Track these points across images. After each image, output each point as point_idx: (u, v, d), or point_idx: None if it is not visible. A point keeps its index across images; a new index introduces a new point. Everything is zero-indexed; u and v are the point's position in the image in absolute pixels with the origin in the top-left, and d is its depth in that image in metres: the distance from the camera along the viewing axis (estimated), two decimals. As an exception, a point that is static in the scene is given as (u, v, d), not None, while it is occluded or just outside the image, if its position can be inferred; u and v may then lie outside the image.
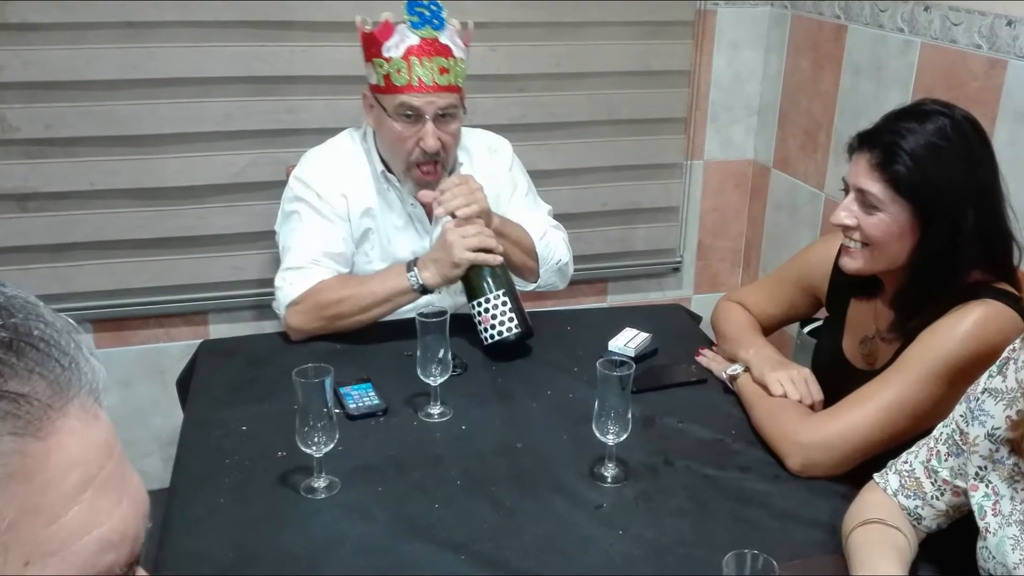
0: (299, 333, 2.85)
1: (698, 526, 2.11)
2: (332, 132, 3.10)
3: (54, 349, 0.82)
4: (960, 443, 1.87)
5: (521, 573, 1.94)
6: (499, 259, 2.77)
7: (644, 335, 2.91)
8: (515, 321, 2.78)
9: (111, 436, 0.85)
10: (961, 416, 1.88)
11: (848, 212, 2.30)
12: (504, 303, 2.76)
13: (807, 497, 2.22)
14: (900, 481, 1.98)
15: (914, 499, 1.95)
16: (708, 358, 2.83)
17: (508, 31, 3.71)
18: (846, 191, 2.34)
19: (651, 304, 3.81)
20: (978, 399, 1.84)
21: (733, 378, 2.64)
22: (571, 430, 2.46)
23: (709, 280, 4.36)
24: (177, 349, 3.61)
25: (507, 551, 2.01)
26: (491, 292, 2.76)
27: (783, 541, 2.04)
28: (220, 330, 3.77)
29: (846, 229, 2.33)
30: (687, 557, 2.00)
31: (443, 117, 2.84)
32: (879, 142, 2.23)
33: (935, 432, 1.97)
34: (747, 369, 2.62)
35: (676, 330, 3.11)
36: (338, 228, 2.94)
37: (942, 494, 1.91)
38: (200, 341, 3.03)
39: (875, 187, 2.22)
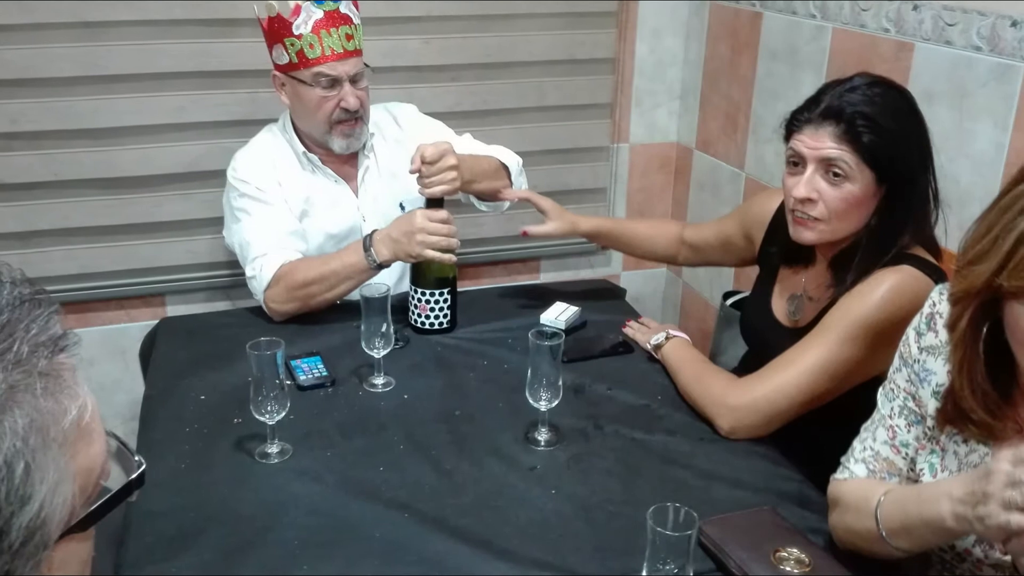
0: (280, 315, 2.90)
1: (626, 485, 2.16)
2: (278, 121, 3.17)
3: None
4: (916, 409, 1.86)
5: (461, 530, 1.98)
6: (453, 259, 2.80)
7: (574, 308, 2.96)
8: (448, 317, 2.85)
9: None
10: (907, 382, 1.88)
11: (808, 186, 2.26)
12: (445, 300, 2.83)
13: (729, 458, 2.26)
14: (867, 467, 1.93)
15: (890, 478, 1.90)
16: (633, 329, 2.89)
17: (441, 24, 3.72)
18: (797, 164, 2.31)
19: (581, 280, 3.84)
20: (918, 360, 1.84)
21: (657, 347, 2.69)
22: (506, 398, 2.50)
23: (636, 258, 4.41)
24: (137, 329, 3.61)
25: (447, 510, 2.05)
26: (437, 289, 2.82)
27: (707, 499, 2.08)
28: (177, 310, 3.77)
29: (804, 202, 2.28)
30: (616, 514, 2.04)
31: (353, 80, 2.95)
32: (842, 113, 2.21)
33: (881, 412, 1.94)
34: (668, 337, 2.67)
35: (604, 304, 3.16)
36: (284, 210, 2.99)
37: (916, 465, 1.87)
38: (158, 320, 3.06)
39: (846, 156, 2.20)
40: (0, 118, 3.35)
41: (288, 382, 2.37)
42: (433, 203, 2.79)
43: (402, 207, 3.11)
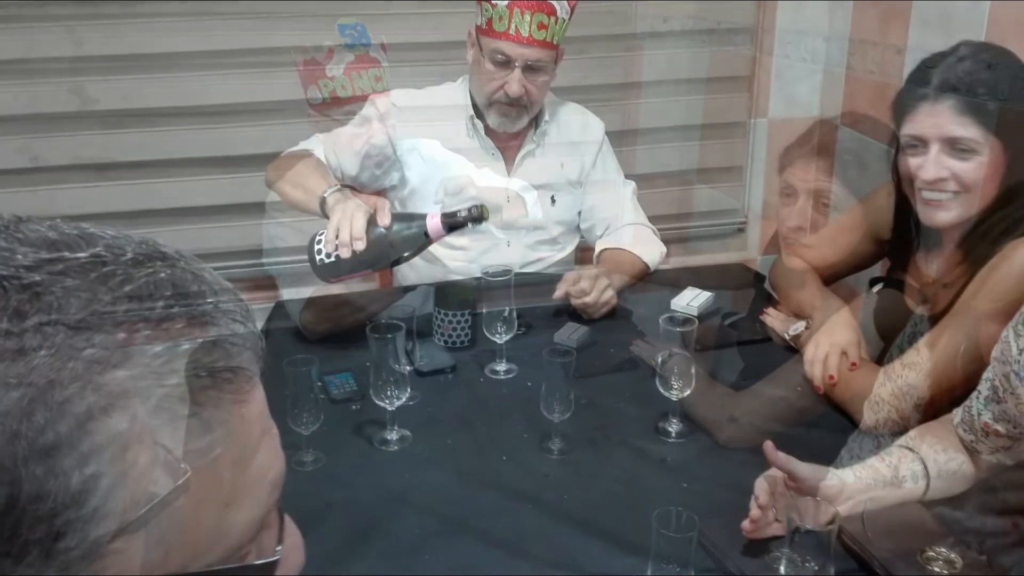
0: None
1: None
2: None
3: (248, 323, 0.93)
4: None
5: (587, 523, 2.02)
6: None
7: (707, 294, 2.97)
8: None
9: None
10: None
11: (937, 166, 2.25)
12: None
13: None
14: (961, 416, 2.01)
15: (968, 433, 1.98)
16: (772, 316, 2.87)
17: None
18: (916, 146, 2.30)
19: (714, 264, 3.86)
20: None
21: (796, 337, 2.68)
22: (635, 386, 2.53)
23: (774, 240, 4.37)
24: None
25: (572, 502, 2.09)
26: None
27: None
28: (288, 292, 3.85)
29: (936, 183, 2.26)
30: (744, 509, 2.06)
31: (531, 68, 2.96)
32: (959, 85, 2.20)
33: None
34: (809, 327, 2.66)
35: (739, 290, 3.18)
36: (367, 136, 3.13)
37: (987, 436, 1.94)
38: (272, 304, 3.15)
39: (970, 131, 2.19)
40: (112, 95, 3.45)
41: (408, 367, 2.41)
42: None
43: (553, 200, 3.21)
